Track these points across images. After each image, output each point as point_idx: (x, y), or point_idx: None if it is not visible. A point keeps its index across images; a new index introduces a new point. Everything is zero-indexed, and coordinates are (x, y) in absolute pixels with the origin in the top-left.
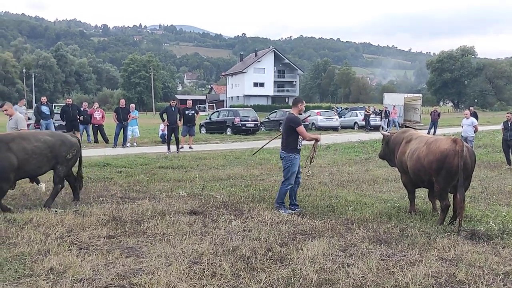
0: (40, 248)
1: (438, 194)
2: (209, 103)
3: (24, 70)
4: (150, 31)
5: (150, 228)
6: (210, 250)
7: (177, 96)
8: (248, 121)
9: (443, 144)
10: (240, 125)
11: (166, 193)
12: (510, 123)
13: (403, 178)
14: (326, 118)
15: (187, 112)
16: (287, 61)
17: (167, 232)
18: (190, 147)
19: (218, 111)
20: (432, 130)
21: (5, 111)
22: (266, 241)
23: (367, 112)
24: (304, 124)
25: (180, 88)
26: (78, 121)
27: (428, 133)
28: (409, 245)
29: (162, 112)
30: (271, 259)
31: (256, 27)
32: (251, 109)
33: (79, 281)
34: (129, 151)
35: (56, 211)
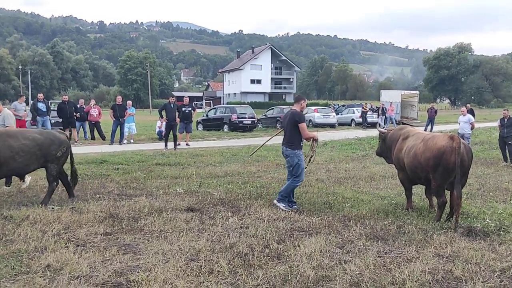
0: (37, 245)
1: (435, 191)
2: (206, 100)
3: (20, 67)
4: (146, 28)
5: (147, 225)
6: (207, 247)
7: (174, 93)
8: (245, 118)
9: (440, 141)
10: (237, 122)
11: (163, 190)
12: (506, 120)
13: (400, 175)
14: (323, 115)
15: (184, 109)
16: (284, 58)
17: (164, 229)
18: (187, 144)
19: (215, 108)
20: (429, 127)
21: None
22: (263, 238)
23: (364, 109)
24: None
25: (177, 85)
26: (75, 118)
27: (425, 130)
28: (406, 241)
29: (161, 109)
30: (268, 256)
31: (253, 24)
32: (248, 106)
33: (76, 278)
34: (126, 148)
35: (53, 208)
